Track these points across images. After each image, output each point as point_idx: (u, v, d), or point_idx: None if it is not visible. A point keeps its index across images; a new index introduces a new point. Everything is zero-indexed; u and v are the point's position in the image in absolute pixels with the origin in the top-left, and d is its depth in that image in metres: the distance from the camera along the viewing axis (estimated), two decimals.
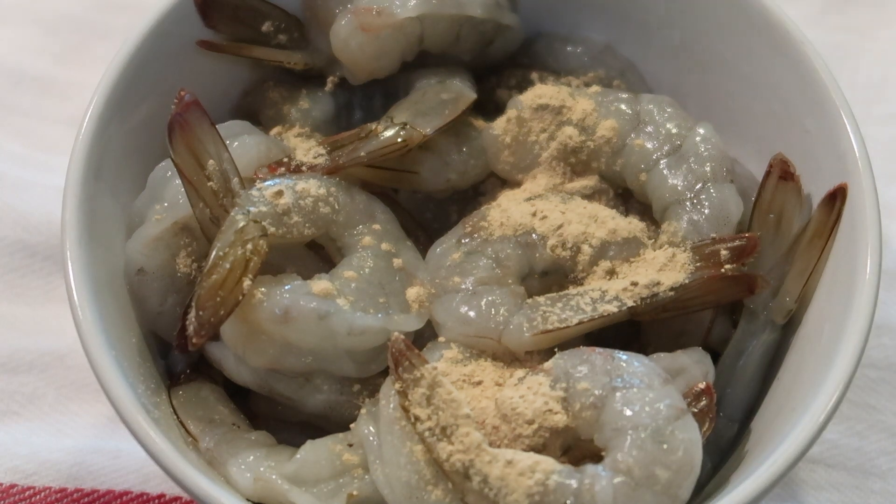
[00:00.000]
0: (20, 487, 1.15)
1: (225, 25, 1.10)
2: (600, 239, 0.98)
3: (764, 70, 1.08)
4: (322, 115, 1.12)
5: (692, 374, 0.93)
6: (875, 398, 1.21)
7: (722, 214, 1.00)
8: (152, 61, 1.05)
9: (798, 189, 1.01)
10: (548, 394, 0.88)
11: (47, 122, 1.39)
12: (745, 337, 1.01)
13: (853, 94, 1.13)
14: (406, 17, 1.05)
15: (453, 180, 1.07)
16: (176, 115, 0.96)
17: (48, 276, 1.28)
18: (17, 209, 1.29)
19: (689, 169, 1.02)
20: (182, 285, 0.99)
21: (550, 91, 1.07)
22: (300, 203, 0.97)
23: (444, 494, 0.87)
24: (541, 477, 0.84)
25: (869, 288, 0.92)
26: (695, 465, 0.86)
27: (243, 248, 0.93)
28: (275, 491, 0.91)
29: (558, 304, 0.95)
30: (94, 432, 1.19)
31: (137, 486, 1.15)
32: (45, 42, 1.45)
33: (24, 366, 1.22)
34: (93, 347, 0.90)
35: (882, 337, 1.24)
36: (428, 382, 0.89)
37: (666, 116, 1.05)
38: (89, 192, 0.98)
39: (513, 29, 1.14)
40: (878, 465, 1.18)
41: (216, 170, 0.96)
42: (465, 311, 0.96)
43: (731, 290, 0.97)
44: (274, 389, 0.98)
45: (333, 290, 0.94)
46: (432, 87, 1.09)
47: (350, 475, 0.93)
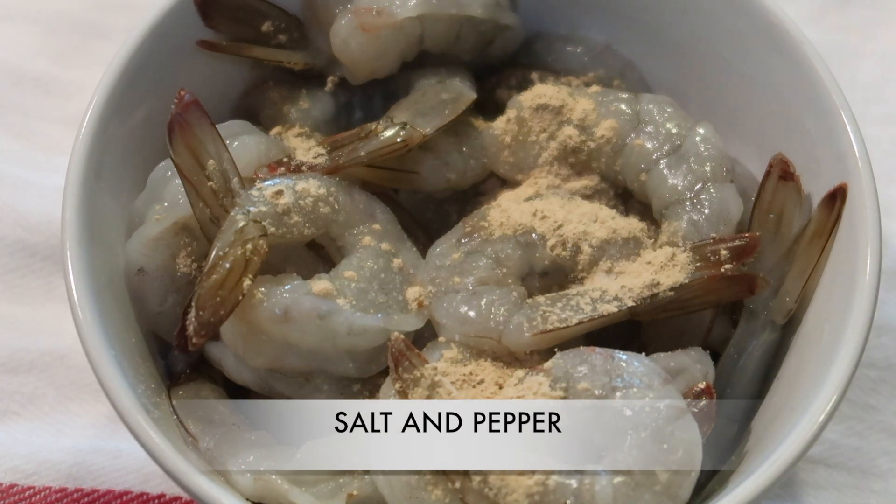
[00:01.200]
0: (20, 487, 1.15)
1: (225, 25, 1.10)
2: (600, 239, 0.98)
3: (764, 70, 1.08)
4: (322, 115, 1.12)
5: (692, 374, 0.93)
6: (875, 398, 1.21)
7: (722, 214, 1.00)
8: (152, 61, 1.05)
9: (798, 189, 1.01)
10: (548, 394, 0.88)
11: (47, 122, 1.39)
12: (745, 337, 1.01)
13: (853, 94, 1.13)
14: (406, 17, 1.06)
15: (453, 180, 1.07)
16: (176, 115, 0.96)
17: (48, 276, 1.28)
18: (17, 209, 1.29)
19: (689, 169, 1.02)
20: (182, 285, 0.99)
21: (550, 91, 1.07)
22: (300, 203, 0.97)
23: (444, 494, 0.87)
24: (541, 477, 0.84)
25: (869, 288, 0.92)
26: (695, 465, 0.86)
27: (243, 248, 0.93)
28: (275, 491, 0.91)
29: (558, 304, 0.95)
30: (94, 432, 1.19)
31: (137, 486, 1.15)
32: (45, 42, 1.45)
33: (24, 366, 1.22)
34: (93, 347, 0.90)
35: (882, 337, 1.24)
36: (428, 382, 0.89)
37: (666, 116, 1.05)
38: (89, 192, 0.97)
39: (513, 29, 1.14)
40: (879, 465, 1.18)
41: (216, 170, 0.96)
42: (465, 311, 0.96)
43: (731, 290, 0.97)
44: (274, 389, 0.98)
45: (333, 290, 0.94)
46: (432, 87, 1.09)
47: (350, 475, 0.93)
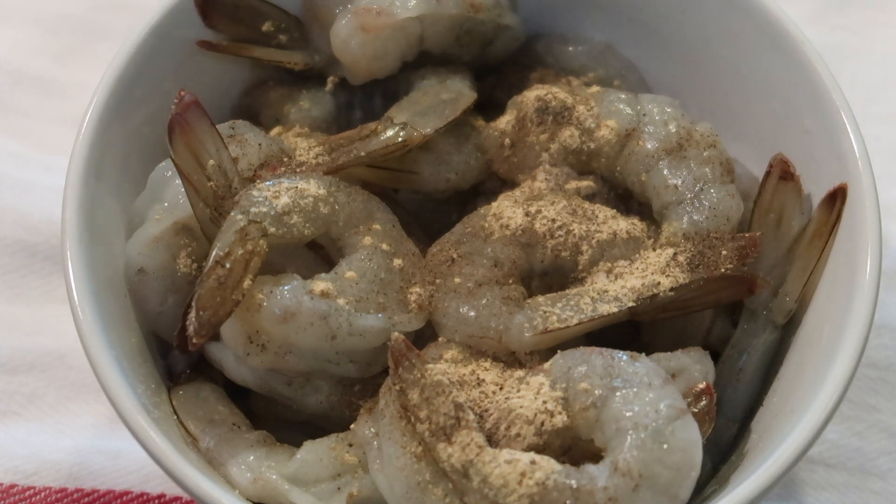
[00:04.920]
0: (20, 487, 1.15)
1: (225, 25, 1.10)
2: (600, 239, 0.98)
3: (764, 70, 1.08)
4: (322, 115, 1.12)
5: (692, 374, 0.93)
6: (875, 398, 1.21)
7: (722, 214, 1.00)
8: (152, 61, 1.05)
9: (798, 189, 1.01)
10: (548, 394, 0.88)
11: (47, 122, 1.39)
12: (745, 337, 1.01)
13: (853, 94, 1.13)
14: (406, 17, 1.06)
15: (453, 180, 1.07)
16: (176, 115, 0.96)
17: (48, 276, 1.28)
18: (17, 209, 1.29)
19: (689, 169, 1.02)
20: (182, 285, 0.99)
21: (550, 91, 1.07)
22: (300, 203, 0.97)
23: (444, 494, 0.87)
24: (541, 477, 0.84)
25: (869, 288, 0.92)
26: (695, 465, 0.86)
27: (243, 248, 0.93)
28: (275, 491, 0.92)
29: (558, 304, 0.95)
30: (94, 432, 1.19)
31: (137, 486, 1.15)
32: (45, 42, 1.45)
33: (24, 366, 1.22)
34: (93, 347, 0.90)
35: (882, 337, 1.24)
36: (428, 383, 0.89)
37: (666, 116, 1.05)
38: (89, 192, 0.98)
39: (513, 29, 1.14)
40: (879, 465, 1.18)
41: (216, 170, 0.97)
42: (465, 312, 0.96)
43: (731, 291, 0.97)
44: (274, 389, 0.98)
45: (334, 291, 0.94)
46: (432, 87, 1.09)
47: (350, 475, 0.93)
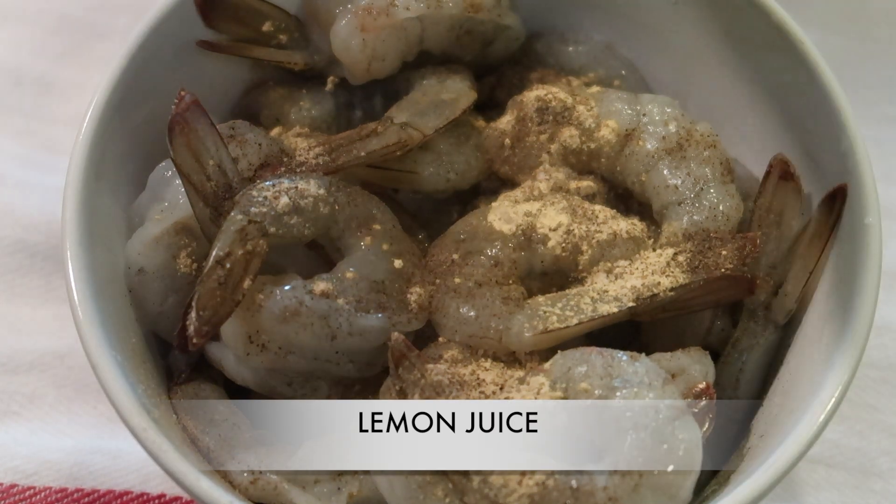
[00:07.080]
0: (20, 487, 1.15)
1: (225, 25, 1.10)
2: (600, 239, 0.98)
3: (764, 70, 1.08)
4: (322, 115, 1.12)
5: (692, 374, 0.93)
6: (875, 398, 1.22)
7: (722, 214, 1.00)
8: (152, 61, 1.05)
9: (798, 189, 1.01)
10: (548, 394, 0.88)
11: (47, 122, 1.39)
12: (745, 337, 1.01)
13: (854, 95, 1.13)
14: (406, 17, 1.06)
15: (453, 180, 1.07)
16: (176, 115, 0.96)
17: (48, 276, 1.28)
18: (17, 209, 1.29)
19: (689, 169, 1.02)
20: (182, 285, 0.99)
21: (551, 91, 1.07)
22: (300, 203, 0.97)
23: (444, 494, 0.87)
24: (541, 477, 0.84)
25: (869, 288, 0.92)
26: (695, 465, 0.86)
27: (243, 248, 0.93)
28: (274, 491, 0.92)
29: (558, 305, 0.95)
30: (95, 432, 1.19)
31: (137, 486, 1.15)
32: (45, 42, 1.45)
33: (24, 366, 1.22)
34: (93, 347, 0.90)
35: (882, 337, 1.24)
36: (428, 383, 0.89)
37: (666, 116, 1.05)
38: (89, 192, 0.98)
39: (513, 29, 1.14)
40: (879, 465, 1.18)
41: (216, 170, 0.97)
42: (465, 312, 0.96)
43: (731, 291, 0.97)
44: (274, 389, 0.98)
45: (334, 290, 0.94)
46: (432, 86, 1.09)
47: (350, 475, 0.93)
